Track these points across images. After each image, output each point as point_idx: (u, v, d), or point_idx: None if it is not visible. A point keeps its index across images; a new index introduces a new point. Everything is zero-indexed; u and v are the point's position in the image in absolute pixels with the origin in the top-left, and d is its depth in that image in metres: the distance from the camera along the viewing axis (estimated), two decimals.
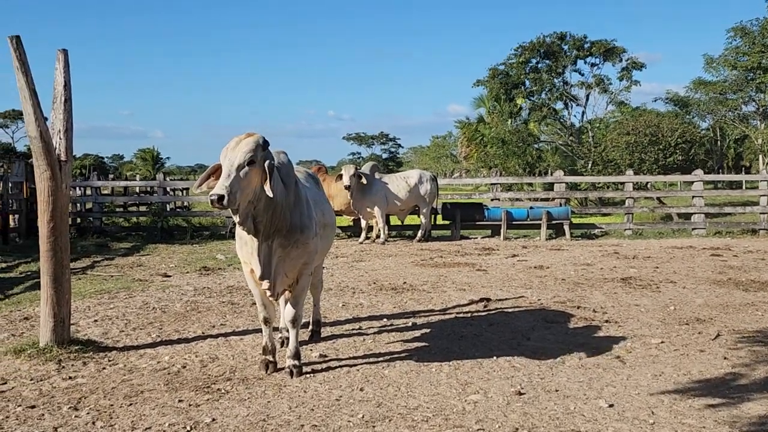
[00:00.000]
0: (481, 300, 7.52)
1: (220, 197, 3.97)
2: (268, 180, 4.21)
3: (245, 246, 4.65)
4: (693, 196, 15.69)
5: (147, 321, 6.57)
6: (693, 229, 15.34)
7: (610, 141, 25.37)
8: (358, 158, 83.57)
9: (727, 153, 46.24)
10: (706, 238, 14.61)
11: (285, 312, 5.04)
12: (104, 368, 4.98)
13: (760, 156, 37.15)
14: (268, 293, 4.62)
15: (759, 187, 15.99)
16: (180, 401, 4.24)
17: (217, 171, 4.31)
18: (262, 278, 4.52)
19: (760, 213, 15.51)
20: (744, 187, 21.96)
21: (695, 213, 15.51)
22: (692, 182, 15.93)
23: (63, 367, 4.98)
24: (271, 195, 4.22)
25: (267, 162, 4.25)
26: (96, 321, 6.54)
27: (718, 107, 35.99)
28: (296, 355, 4.88)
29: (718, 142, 43.18)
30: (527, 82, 31.95)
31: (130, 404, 4.20)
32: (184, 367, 5.03)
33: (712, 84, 35.35)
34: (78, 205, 15.98)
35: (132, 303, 7.47)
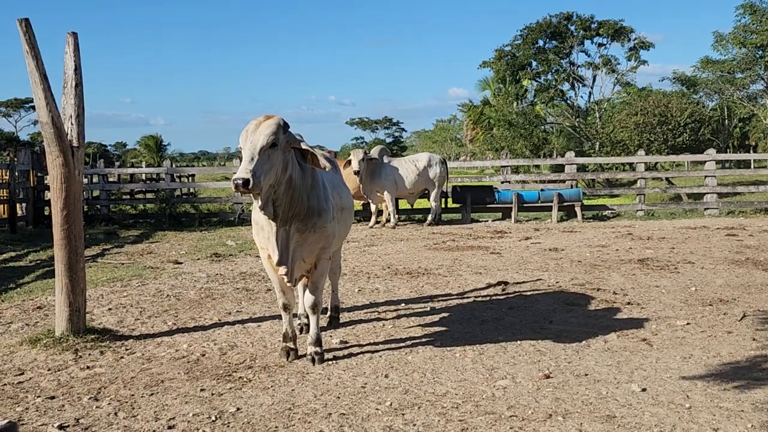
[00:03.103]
0: (499, 283, 7.42)
1: (245, 181, 3.83)
2: (312, 159, 4.25)
3: (262, 231, 4.54)
4: (705, 176, 15.52)
5: (162, 309, 6.49)
6: (705, 209, 15.19)
7: (618, 122, 25.11)
8: (362, 143, 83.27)
9: (733, 133, 45.83)
10: (719, 218, 14.46)
11: (304, 298, 4.94)
12: (122, 357, 4.90)
13: None
14: (286, 279, 4.52)
15: None
16: (202, 390, 4.15)
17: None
18: (279, 264, 4.40)
19: None
20: (753, 166, 21.75)
21: (708, 193, 15.35)
22: (703, 162, 15.75)
23: (80, 356, 4.89)
24: (327, 168, 4.28)
25: (301, 142, 4.26)
26: (110, 309, 6.46)
27: (726, 86, 35.61)
28: (318, 342, 4.78)
29: (725, 122, 42.80)
30: (534, 63, 31.68)
31: (152, 394, 4.11)
32: (204, 355, 4.95)
33: (720, 63, 34.96)
34: (85, 192, 15.89)
35: (145, 290, 7.38)
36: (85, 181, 17.44)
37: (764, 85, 35.47)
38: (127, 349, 5.10)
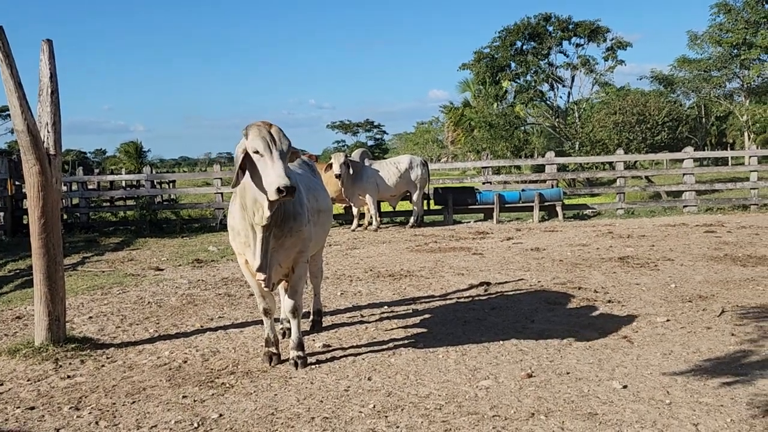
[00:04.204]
0: (481, 284, 7.45)
1: (293, 188, 3.90)
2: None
3: (238, 236, 4.52)
4: (683, 174, 15.68)
5: (143, 316, 6.44)
6: (684, 206, 15.35)
7: (597, 121, 25.34)
8: (343, 146, 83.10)
9: (710, 130, 46.35)
10: (697, 215, 14.62)
11: (284, 303, 4.91)
12: (103, 366, 4.86)
13: (746, 132, 37.27)
14: (263, 284, 4.50)
15: (748, 163, 16.02)
16: (184, 397, 4.13)
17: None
18: (259, 270, 4.38)
19: (751, 188, 15.54)
20: (730, 164, 22.01)
21: (686, 190, 15.51)
22: (681, 160, 15.92)
23: (60, 366, 4.85)
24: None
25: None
26: (91, 318, 6.40)
27: (703, 85, 36.01)
28: (300, 346, 4.77)
29: (702, 120, 43.27)
30: (513, 65, 31.85)
31: (133, 402, 4.08)
32: (186, 362, 4.92)
33: (696, 62, 35.36)
34: (64, 200, 15.74)
35: (126, 298, 7.33)
36: (64, 188, 17.26)
37: (740, 83, 35.92)
38: (108, 358, 5.06)
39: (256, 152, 4.03)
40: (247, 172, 4.16)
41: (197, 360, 4.95)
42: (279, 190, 3.86)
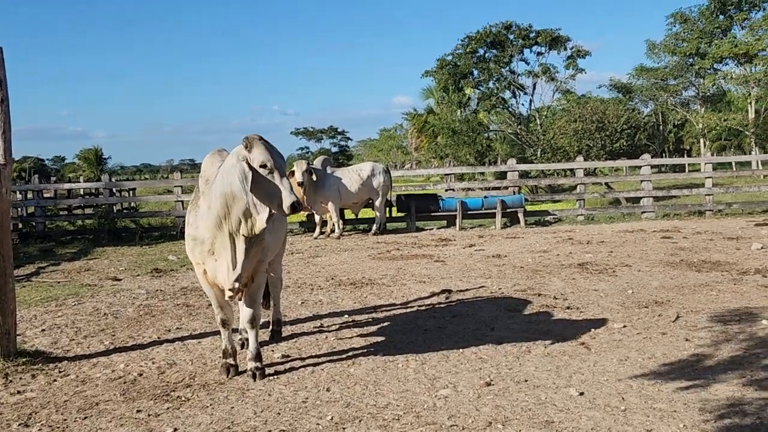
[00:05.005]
0: (442, 292, 7.46)
1: (300, 204, 4.15)
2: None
3: (201, 245, 4.47)
4: (641, 181, 15.94)
5: (98, 328, 6.31)
6: (642, 212, 15.61)
7: (558, 128, 25.70)
8: (307, 153, 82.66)
9: (668, 137, 47.33)
10: (655, 221, 14.87)
11: (242, 313, 4.86)
12: (55, 380, 4.74)
13: (701, 139, 38.12)
14: (231, 293, 4.46)
15: (704, 170, 16.38)
16: (138, 411, 4.05)
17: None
18: (238, 279, 4.38)
19: (706, 194, 15.88)
20: (687, 170, 22.47)
21: (644, 197, 15.78)
22: (639, 167, 16.19)
23: (10, 381, 4.72)
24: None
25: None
26: (44, 330, 6.25)
27: (660, 93, 36.79)
28: (258, 357, 4.72)
29: (660, 127, 44.17)
30: (475, 72, 32.14)
31: (85, 417, 3.99)
32: (141, 374, 4.83)
33: (654, 70, 36.12)
34: (19, 209, 15.38)
35: (81, 309, 7.18)
36: (19, 197, 16.88)
37: (696, 91, 36.74)
38: (60, 372, 4.94)
39: (263, 166, 4.10)
40: (239, 182, 4.15)
41: (153, 373, 4.86)
42: (293, 206, 4.06)
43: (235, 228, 4.27)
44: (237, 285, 4.39)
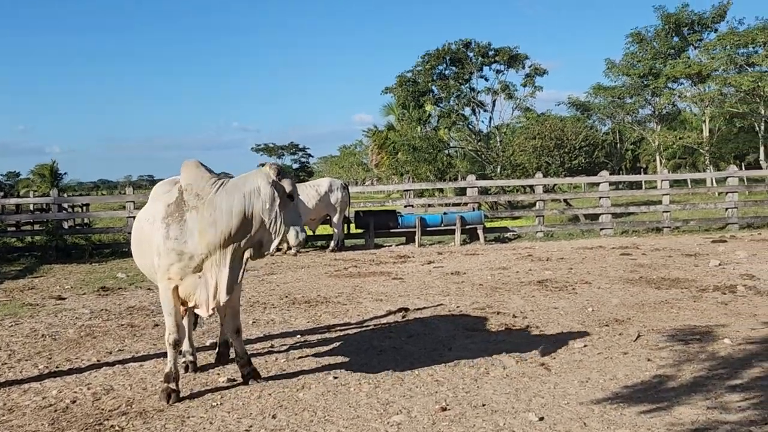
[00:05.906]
0: (399, 310, 7.24)
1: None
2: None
3: (186, 261, 4.36)
4: (600, 197, 16.01)
5: (34, 350, 5.94)
6: (601, 229, 15.65)
7: (517, 146, 25.80)
8: None
9: (625, 155, 48.10)
10: (613, 238, 14.91)
11: (227, 326, 4.94)
12: None
13: (658, 157, 38.77)
14: (214, 310, 4.48)
15: (660, 187, 16.53)
16: None
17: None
18: (228, 292, 4.34)
19: (663, 211, 16.00)
20: (644, 187, 22.71)
21: (602, 213, 15.83)
22: (598, 183, 16.26)
23: None
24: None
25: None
26: None
27: (617, 111, 37.38)
28: (248, 362, 4.90)
29: (617, 145, 44.86)
30: (435, 89, 32.22)
31: None
32: (74, 402, 4.49)
33: (611, 89, 36.69)
34: None
35: (18, 331, 6.77)
36: None
37: (652, 110, 37.40)
38: None
39: (290, 197, 4.29)
40: (267, 205, 4.24)
41: (87, 399, 4.53)
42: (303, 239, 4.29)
43: (243, 248, 4.30)
44: (226, 299, 4.36)
